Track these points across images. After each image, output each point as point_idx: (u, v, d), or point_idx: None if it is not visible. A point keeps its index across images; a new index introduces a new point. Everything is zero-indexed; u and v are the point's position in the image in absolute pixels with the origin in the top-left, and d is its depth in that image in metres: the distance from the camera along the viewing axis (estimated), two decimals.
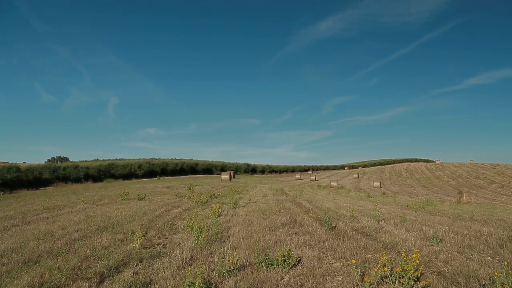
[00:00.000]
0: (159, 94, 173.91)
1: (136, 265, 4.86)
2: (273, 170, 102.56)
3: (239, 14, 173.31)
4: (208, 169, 71.48)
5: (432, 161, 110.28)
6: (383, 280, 4.03)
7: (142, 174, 49.97)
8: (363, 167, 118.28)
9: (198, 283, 3.58)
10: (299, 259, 5.01)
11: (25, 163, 39.54)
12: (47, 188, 30.12)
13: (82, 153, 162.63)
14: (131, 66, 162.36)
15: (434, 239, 6.36)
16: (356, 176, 73.45)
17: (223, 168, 74.67)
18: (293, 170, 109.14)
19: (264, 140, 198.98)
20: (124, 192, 15.57)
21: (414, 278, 3.60)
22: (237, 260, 4.52)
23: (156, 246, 6.03)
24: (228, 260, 4.56)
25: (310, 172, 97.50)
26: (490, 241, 6.61)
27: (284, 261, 4.56)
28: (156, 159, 61.76)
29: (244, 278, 4.21)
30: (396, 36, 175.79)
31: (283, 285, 4.04)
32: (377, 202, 17.65)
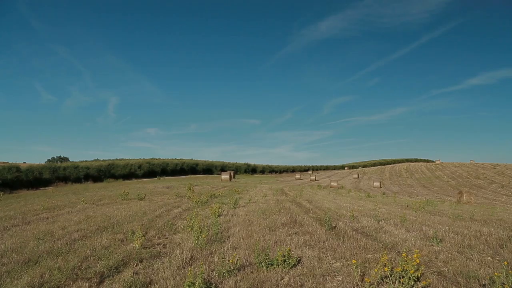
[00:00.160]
0: (159, 94, 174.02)
1: (136, 265, 4.86)
2: (273, 170, 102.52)
3: (239, 14, 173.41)
4: (208, 169, 71.47)
5: (432, 161, 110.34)
6: (383, 280, 4.03)
7: (142, 174, 49.93)
8: (363, 167, 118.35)
9: (198, 283, 3.58)
10: (299, 259, 5.01)
11: (25, 163, 39.49)
12: (47, 188, 30.12)
13: (82, 153, 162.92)
14: (131, 66, 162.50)
15: (434, 239, 6.36)
16: (356, 176, 73.47)
17: (223, 168, 74.65)
18: (293, 170, 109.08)
19: (264, 140, 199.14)
20: (124, 192, 15.56)
21: (414, 278, 3.60)
22: (237, 260, 4.52)
23: (156, 246, 6.03)
24: (228, 260, 4.56)
25: (310, 172, 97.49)
26: (490, 241, 6.62)
27: (284, 261, 4.56)
28: (156, 159, 61.73)
29: (244, 278, 4.21)
30: (396, 36, 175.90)
31: (283, 285, 4.05)
32: (377, 202, 17.66)
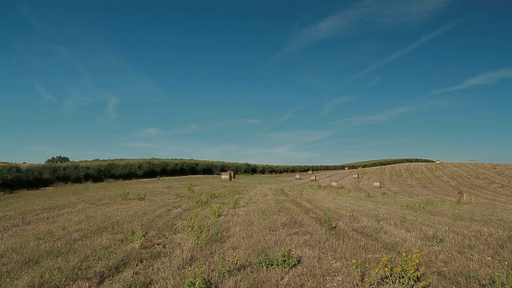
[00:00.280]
0: (159, 94, 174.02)
1: (136, 265, 4.86)
2: (273, 170, 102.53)
3: (239, 14, 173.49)
4: (208, 169, 71.48)
5: (432, 161, 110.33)
6: (383, 280, 4.03)
7: (142, 174, 49.96)
8: (363, 167, 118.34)
9: (198, 283, 3.58)
10: (299, 259, 5.01)
11: (25, 163, 39.51)
12: (47, 188, 30.12)
13: (82, 153, 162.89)
14: (131, 66, 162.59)
15: (434, 239, 6.36)
16: (356, 176, 73.47)
17: (223, 168, 74.65)
18: (293, 170, 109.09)
19: (264, 140, 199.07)
20: (124, 192, 15.56)
21: (414, 278, 3.60)
22: (237, 260, 4.52)
23: (156, 246, 6.03)
24: (228, 260, 4.56)
25: (310, 172, 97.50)
26: (490, 241, 6.62)
27: (284, 261, 4.56)
28: (156, 159, 61.73)
29: (244, 278, 4.21)
30: (396, 36, 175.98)
31: (283, 285, 4.05)
32: (377, 202, 17.65)
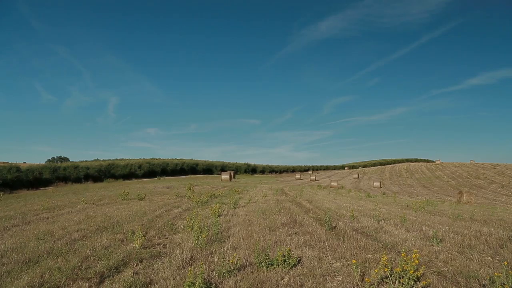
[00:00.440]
0: (159, 94, 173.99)
1: (136, 265, 4.86)
2: (273, 170, 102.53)
3: (239, 14, 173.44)
4: (208, 169, 71.48)
5: (432, 161, 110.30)
6: (383, 280, 4.03)
7: (142, 174, 49.97)
8: (363, 167, 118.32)
9: (198, 283, 3.58)
10: (299, 259, 5.01)
11: (25, 163, 39.55)
12: (47, 188, 30.12)
13: (82, 153, 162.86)
14: (131, 66, 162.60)
15: (434, 239, 6.36)
16: (356, 176, 73.47)
17: (223, 168, 74.65)
18: (293, 170, 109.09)
19: (264, 140, 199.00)
20: (124, 192, 15.57)
21: (414, 278, 3.60)
22: (237, 260, 4.52)
23: (156, 246, 6.03)
24: (228, 260, 4.56)
25: (310, 172, 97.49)
26: (490, 241, 6.61)
27: (284, 261, 4.56)
28: (156, 159, 61.74)
29: (244, 278, 4.21)
30: (396, 36, 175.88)
31: (283, 285, 4.05)
32: (377, 202, 17.65)
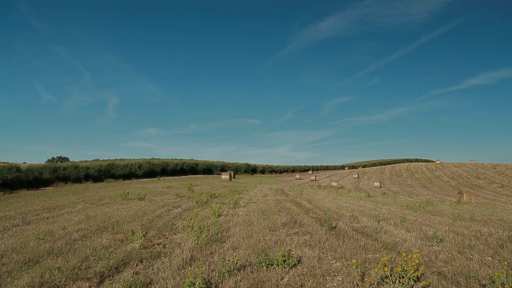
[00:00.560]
0: (159, 94, 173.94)
1: (136, 265, 4.86)
2: (273, 170, 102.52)
3: (238, 14, 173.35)
4: (208, 169, 71.48)
5: (432, 161, 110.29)
6: (383, 280, 4.03)
7: (142, 174, 49.98)
8: (363, 167, 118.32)
9: (198, 283, 3.58)
10: (299, 259, 5.01)
11: (25, 163, 39.55)
12: (47, 188, 30.13)
13: (82, 153, 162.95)
14: (131, 66, 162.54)
15: (434, 239, 6.36)
16: (356, 176, 73.46)
17: (223, 168, 74.65)
18: (293, 170, 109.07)
19: (264, 140, 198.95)
20: (124, 192, 15.56)
21: (414, 278, 3.60)
22: (237, 260, 4.52)
23: (156, 246, 6.03)
24: (228, 260, 4.56)
25: (310, 172, 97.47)
26: (490, 241, 6.61)
27: (284, 261, 4.56)
28: (156, 159, 61.74)
29: (244, 278, 4.21)
30: (396, 36, 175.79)
31: (283, 285, 4.05)
32: (377, 202, 17.65)
